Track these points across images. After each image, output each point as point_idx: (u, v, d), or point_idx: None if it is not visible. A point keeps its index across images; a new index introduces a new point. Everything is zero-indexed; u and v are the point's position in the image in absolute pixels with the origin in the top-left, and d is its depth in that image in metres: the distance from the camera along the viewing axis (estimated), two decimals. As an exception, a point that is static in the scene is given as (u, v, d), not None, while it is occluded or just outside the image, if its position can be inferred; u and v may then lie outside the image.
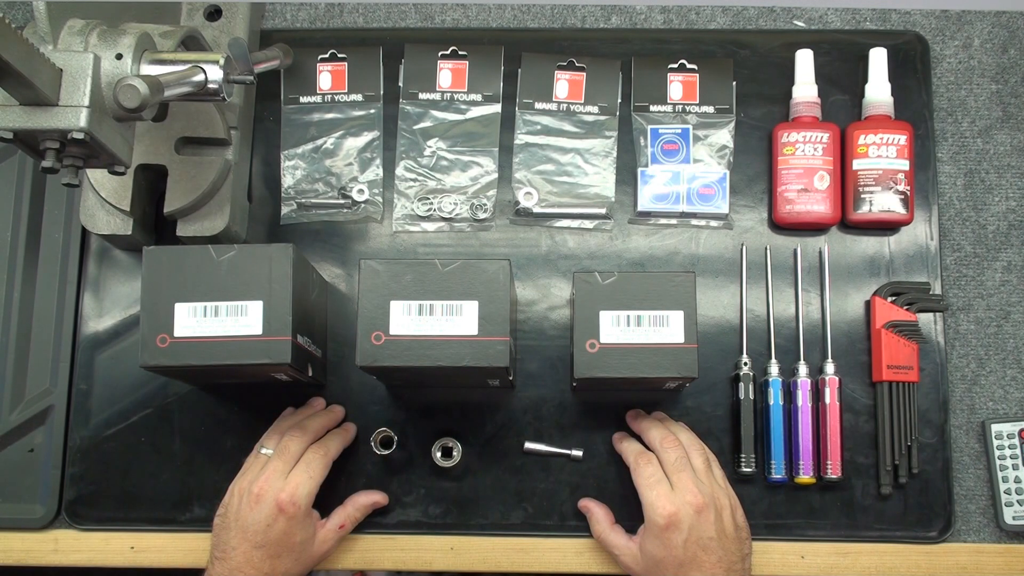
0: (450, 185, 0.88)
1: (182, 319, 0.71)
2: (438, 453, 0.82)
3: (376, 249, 0.88)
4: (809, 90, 0.87)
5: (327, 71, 0.90)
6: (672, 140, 0.89)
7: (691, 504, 0.73)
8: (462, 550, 0.83)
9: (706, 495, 0.74)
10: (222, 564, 0.74)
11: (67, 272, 0.87)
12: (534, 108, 0.89)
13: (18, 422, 0.84)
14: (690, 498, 0.73)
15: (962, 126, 0.90)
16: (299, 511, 0.74)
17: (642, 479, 0.76)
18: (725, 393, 0.84)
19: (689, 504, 0.73)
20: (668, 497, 0.74)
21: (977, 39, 0.91)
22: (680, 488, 0.74)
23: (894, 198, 0.84)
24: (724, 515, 0.74)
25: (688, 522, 0.72)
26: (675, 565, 0.73)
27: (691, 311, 0.72)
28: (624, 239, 0.88)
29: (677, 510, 0.73)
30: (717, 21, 0.92)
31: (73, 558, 0.84)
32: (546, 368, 0.85)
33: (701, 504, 0.73)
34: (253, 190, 0.89)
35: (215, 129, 0.81)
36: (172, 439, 0.84)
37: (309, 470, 0.75)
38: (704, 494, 0.73)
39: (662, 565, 0.74)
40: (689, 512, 0.73)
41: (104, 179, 0.80)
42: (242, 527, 0.74)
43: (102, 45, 0.66)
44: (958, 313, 0.86)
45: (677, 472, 0.75)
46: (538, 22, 0.93)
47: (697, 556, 0.72)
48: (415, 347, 0.70)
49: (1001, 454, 0.83)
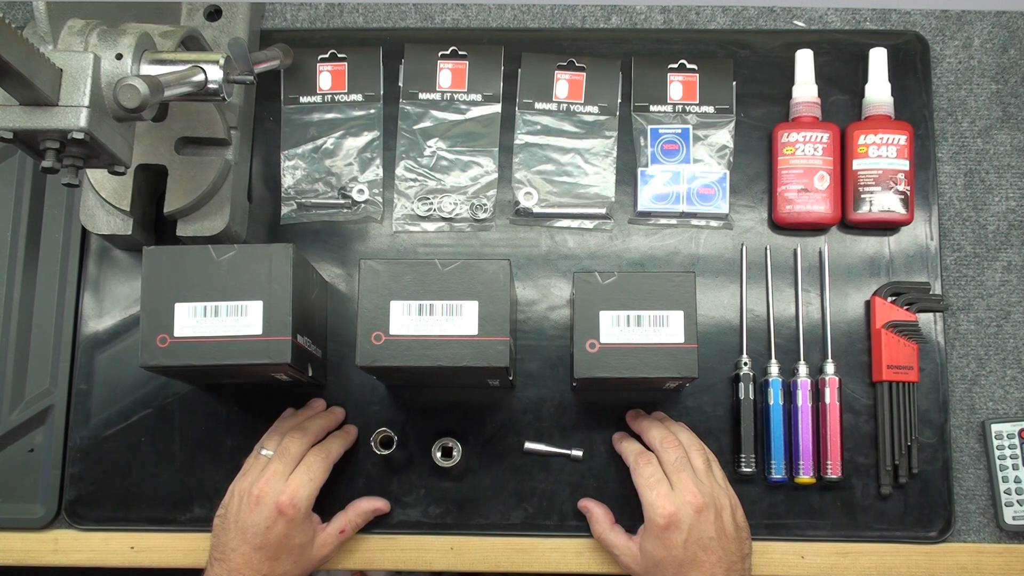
0: (450, 185, 0.88)
1: (182, 319, 0.71)
2: (438, 453, 0.82)
3: (376, 249, 0.88)
4: (809, 90, 0.87)
5: (327, 71, 0.90)
6: (672, 140, 0.89)
7: (691, 504, 0.73)
8: (462, 550, 0.83)
9: (706, 495, 0.74)
10: (221, 565, 0.74)
11: (67, 272, 0.87)
12: (534, 108, 0.89)
13: (18, 422, 0.84)
14: (690, 498, 0.73)
15: (962, 126, 0.90)
16: (299, 513, 0.74)
17: (642, 479, 0.76)
18: (725, 393, 0.84)
19: (689, 504, 0.73)
20: (668, 497, 0.73)
21: (977, 39, 0.91)
22: (680, 488, 0.74)
23: (894, 198, 0.84)
24: (724, 515, 0.74)
25: (688, 522, 0.72)
26: (675, 565, 0.73)
27: (691, 311, 0.72)
28: (624, 239, 0.88)
29: (677, 510, 0.73)
30: (717, 21, 0.92)
31: (73, 558, 0.84)
32: (546, 368, 0.85)
33: (701, 504, 0.73)
34: (253, 190, 0.89)
35: (215, 129, 0.81)
36: (172, 439, 0.84)
37: (310, 472, 0.75)
38: (704, 494, 0.73)
39: (662, 565, 0.74)
40: (689, 512, 0.73)
41: (104, 179, 0.80)
42: (242, 529, 0.74)
43: (102, 45, 0.66)
44: (958, 313, 0.86)
45: (677, 472, 0.75)
46: (538, 22, 0.93)
47: (697, 556, 0.72)
48: (415, 347, 0.70)
49: (1001, 454, 0.83)
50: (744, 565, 0.75)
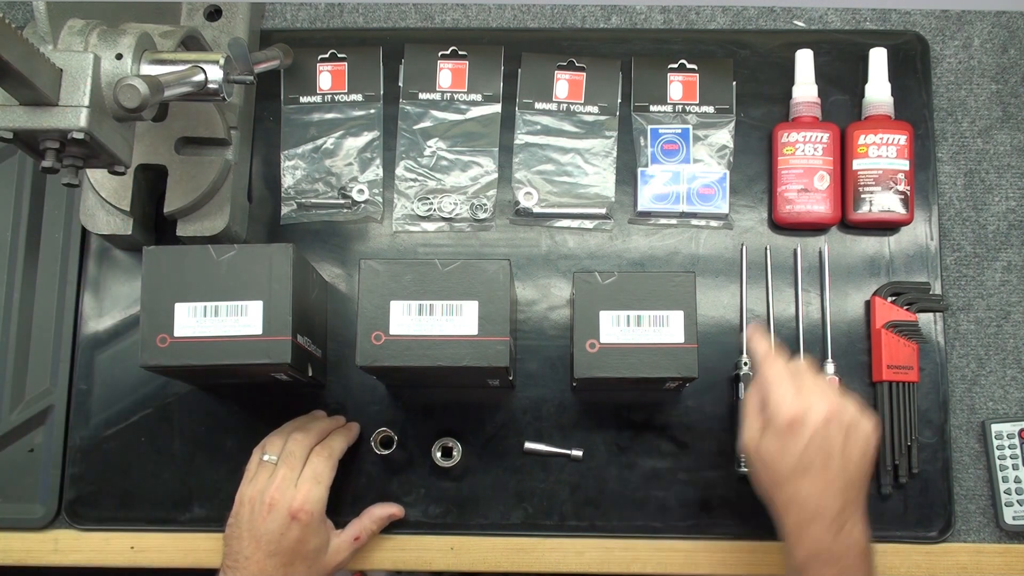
0: (450, 185, 0.88)
1: (182, 319, 0.71)
2: (438, 453, 0.82)
3: (376, 249, 0.88)
4: (809, 90, 0.87)
5: (327, 71, 0.90)
6: (672, 140, 0.89)
7: (820, 410, 0.66)
8: (462, 550, 0.83)
9: (838, 406, 0.67)
10: (235, 573, 0.73)
11: (67, 272, 0.87)
12: (534, 108, 0.89)
13: (18, 422, 0.84)
14: (820, 404, 0.67)
15: (962, 126, 0.90)
16: (312, 518, 0.74)
17: (770, 374, 0.69)
18: (725, 393, 0.84)
19: (817, 409, 0.66)
20: (797, 396, 0.67)
21: (977, 39, 0.91)
22: (809, 392, 0.67)
23: (894, 198, 0.84)
24: (854, 436, 0.68)
25: (812, 427, 0.66)
26: (787, 470, 0.67)
27: (691, 311, 0.72)
28: (624, 239, 0.88)
29: (804, 412, 0.66)
30: (717, 21, 0.92)
31: (73, 558, 0.84)
32: (546, 368, 0.85)
33: (830, 412, 0.66)
34: (253, 190, 0.89)
35: (215, 129, 0.81)
36: (172, 439, 0.84)
37: (317, 475, 0.75)
38: (836, 404, 0.67)
39: (772, 466, 0.68)
40: (816, 418, 0.66)
41: (104, 179, 0.80)
42: (255, 536, 0.73)
43: (102, 45, 0.66)
44: (958, 313, 0.86)
45: (810, 377, 0.69)
46: (538, 22, 0.93)
47: (813, 466, 0.66)
48: (415, 347, 0.70)
49: (1001, 454, 0.83)
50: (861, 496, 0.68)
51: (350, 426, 0.83)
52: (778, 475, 0.68)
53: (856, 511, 0.68)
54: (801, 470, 0.66)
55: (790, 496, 0.68)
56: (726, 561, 0.82)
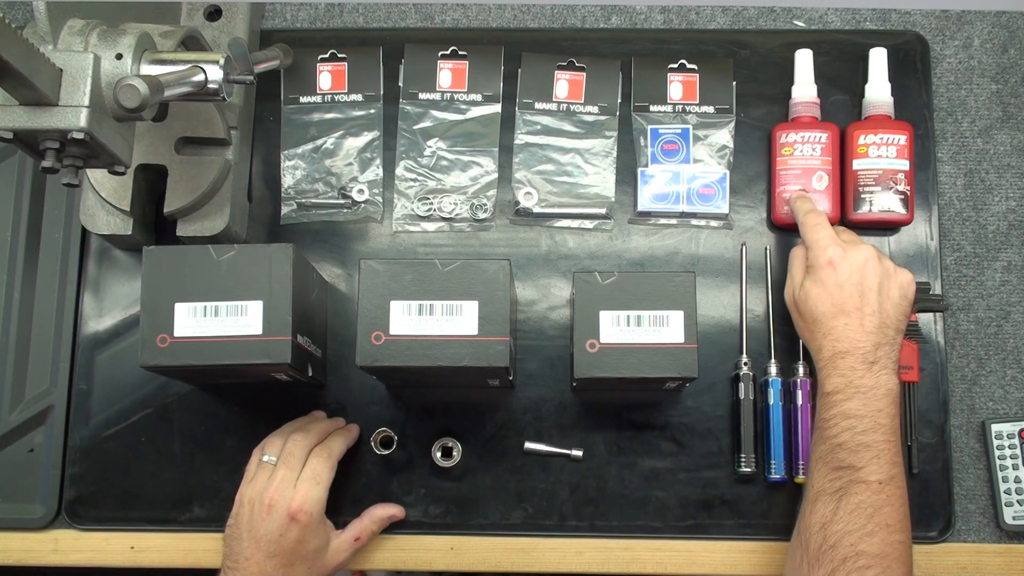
0: (450, 185, 0.88)
1: (182, 319, 0.71)
2: (438, 453, 0.82)
3: (376, 249, 0.88)
4: (808, 90, 0.87)
5: (327, 71, 0.90)
6: (672, 140, 0.89)
7: (857, 251, 0.74)
8: (462, 550, 0.83)
9: (874, 253, 0.74)
10: (235, 573, 0.74)
11: (67, 272, 0.87)
12: (534, 108, 0.89)
13: (18, 422, 0.84)
14: (857, 246, 0.74)
15: (962, 126, 0.90)
16: (312, 519, 0.74)
17: (809, 223, 0.77)
18: (725, 393, 0.84)
19: (854, 250, 0.74)
20: (835, 240, 0.75)
21: (977, 39, 0.91)
22: (849, 240, 0.75)
23: (894, 198, 0.84)
24: (891, 282, 0.74)
25: (851, 264, 0.73)
26: (826, 306, 0.73)
27: (691, 311, 0.73)
28: (624, 239, 0.88)
29: (842, 252, 0.74)
30: (717, 21, 0.92)
31: (73, 558, 0.84)
32: (546, 368, 0.85)
33: (868, 255, 0.73)
34: (253, 190, 0.89)
35: (215, 129, 0.81)
36: (172, 439, 0.84)
37: (316, 476, 0.75)
38: (872, 252, 0.74)
39: (813, 306, 0.74)
40: (855, 258, 0.73)
41: (104, 179, 0.80)
42: (255, 537, 0.73)
43: (102, 45, 0.66)
44: (958, 313, 0.86)
45: (850, 234, 0.77)
46: (538, 22, 0.93)
47: (849, 302, 0.72)
48: (415, 347, 0.70)
49: (1001, 454, 0.83)
50: (895, 345, 0.73)
51: (349, 427, 0.83)
52: (818, 312, 0.73)
53: (889, 355, 0.72)
54: (838, 307, 0.72)
55: (826, 332, 0.73)
56: (726, 561, 0.82)
